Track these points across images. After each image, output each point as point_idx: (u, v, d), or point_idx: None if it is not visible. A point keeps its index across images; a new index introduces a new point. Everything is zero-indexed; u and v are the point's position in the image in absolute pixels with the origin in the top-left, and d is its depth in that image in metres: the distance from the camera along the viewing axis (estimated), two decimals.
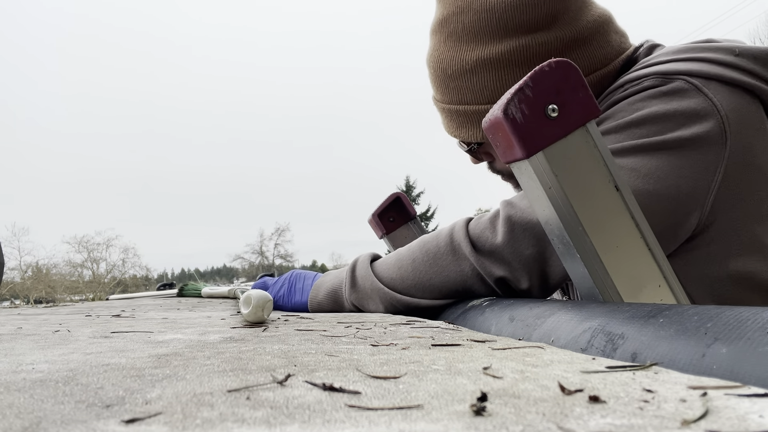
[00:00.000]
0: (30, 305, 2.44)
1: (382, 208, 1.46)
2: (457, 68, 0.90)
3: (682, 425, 0.22)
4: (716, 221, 0.74)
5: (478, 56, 0.88)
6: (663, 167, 0.71)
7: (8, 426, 0.22)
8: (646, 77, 0.78)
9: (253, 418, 0.23)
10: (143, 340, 0.52)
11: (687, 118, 0.72)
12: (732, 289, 0.75)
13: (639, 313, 0.45)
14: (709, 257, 0.75)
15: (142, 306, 1.20)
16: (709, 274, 0.76)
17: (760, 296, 0.76)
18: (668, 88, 0.74)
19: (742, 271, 0.75)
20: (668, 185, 0.71)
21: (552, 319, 0.54)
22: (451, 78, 0.92)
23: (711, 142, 0.72)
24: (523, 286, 0.77)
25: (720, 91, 0.74)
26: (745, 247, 0.75)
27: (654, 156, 0.71)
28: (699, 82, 0.74)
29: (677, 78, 0.75)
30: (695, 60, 0.77)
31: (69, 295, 18.21)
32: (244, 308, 0.68)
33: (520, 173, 0.61)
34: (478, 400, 0.26)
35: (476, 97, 0.90)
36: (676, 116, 0.72)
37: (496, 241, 0.77)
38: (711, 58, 0.76)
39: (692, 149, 0.71)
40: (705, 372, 0.33)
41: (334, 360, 0.39)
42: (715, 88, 0.74)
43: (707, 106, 0.72)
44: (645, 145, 0.72)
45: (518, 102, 0.56)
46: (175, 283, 2.28)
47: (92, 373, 0.34)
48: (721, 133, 0.72)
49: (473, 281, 0.81)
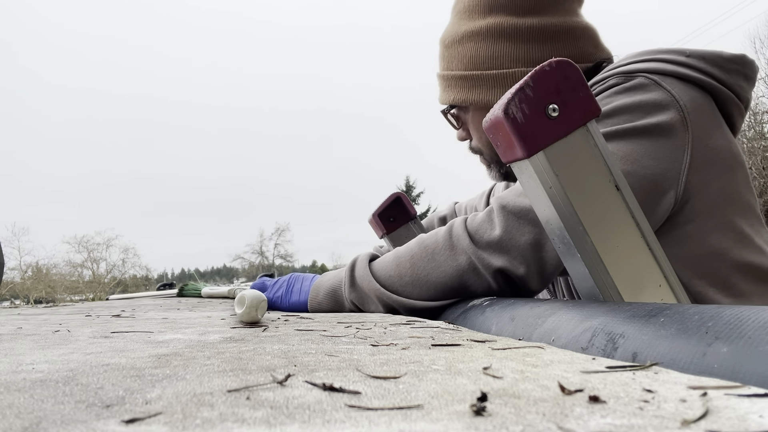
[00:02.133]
0: (30, 305, 2.44)
1: (383, 208, 1.46)
2: (451, 40, 1.05)
3: (682, 425, 0.22)
4: (690, 201, 0.80)
5: (467, 29, 1.02)
6: (638, 150, 0.78)
7: (8, 426, 0.22)
8: (609, 77, 0.86)
9: (253, 418, 0.23)
10: (143, 340, 0.52)
11: (651, 107, 0.80)
12: (712, 267, 0.81)
13: (640, 312, 0.45)
14: (687, 236, 0.81)
15: (142, 306, 1.20)
16: (690, 253, 0.81)
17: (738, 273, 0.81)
18: (631, 84, 0.82)
19: (717, 249, 0.81)
20: (644, 165, 0.77)
21: (552, 319, 0.54)
22: (446, 48, 1.06)
23: (675, 128, 0.79)
24: (521, 272, 0.79)
25: (676, 85, 0.81)
26: (718, 225, 0.81)
27: (628, 141, 0.78)
28: (657, 78, 0.82)
29: (638, 75, 0.83)
30: (652, 60, 0.85)
31: (69, 295, 18.20)
32: (238, 308, 0.68)
33: (520, 173, 0.61)
34: (478, 400, 0.26)
35: (460, 64, 1.03)
36: (641, 107, 0.80)
37: (494, 233, 0.81)
38: (665, 59, 0.85)
39: (660, 134, 0.78)
40: (706, 371, 0.33)
41: (334, 360, 0.39)
42: (672, 82, 0.82)
43: (667, 97, 0.80)
44: (619, 131, 0.79)
45: (519, 102, 0.56)
46: (175, 283, 2.27)
47: (92, 373, 0.34)
48: (682, 120, 0.79)
49: (469, 275, 0.82)
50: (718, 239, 0.81)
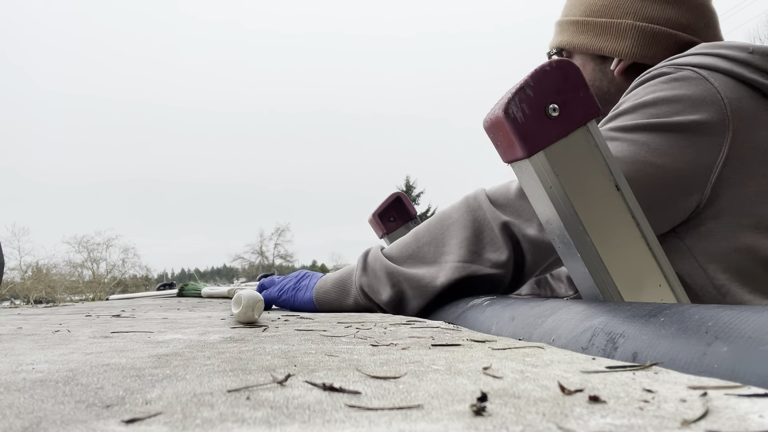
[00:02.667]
0: (30, 305, 2.44)
1: (383, 208, 1.46)
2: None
3: (682, 425, 0.22)
4: (720, 199, 0.80)
5: None
6: (671, 145, 0.79)
7: (8, 426, 0.22)
8: (662, 66, 0.87)
9: (253, 418, 0.23)
10: (143, 340, 0.52)
11: (692, 103, 0.80)
12: (740, 263, 0.82)
13: (640, 312, 0.45)
14: (718, 231, 0.82)
15: (142, 306, 1.20)
16: (720, 247, 0.82)
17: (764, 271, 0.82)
18: (676, 76, 0.83)
19: (748, 246, 0.81)
20: (674, 161, 0.78)
21: (553, 318, 0.54)
22: None
23: (713, 126, 0.79)
24: (529, 232, 0.82)
25: (724, 82, 0.81)
26: (749, 224, 0.81)
27: (662, 134, 0.79)
28: (706, 73, 0.82)
29: (686, 68, 0.83)
30: (709, 54, 0.85)
31: (69, 295, 18.19)
32: (235, 308, 0.68)
33: (520, 173, 0.61)
34: (478, 400, 0.26)
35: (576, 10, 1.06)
36: (682, 100, 0.80)
37: (510, 194, 0.86)
38: (723, 54, 0.84)
39: (695, 132, 0.79)
40: (706, 370, 0.33)
41: (334, 360, 0.39)
42: (720, 78, 0.81)
43: (711, 94, 0.80)
44: (654, 124, 0.80)
45: (519, 101, 0.56)
46: (175, 283, 2.28)
47: (92, 373, 0.34)
48: (723, 119, 0.79)
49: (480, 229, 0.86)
50: (751, 237, 0.81)
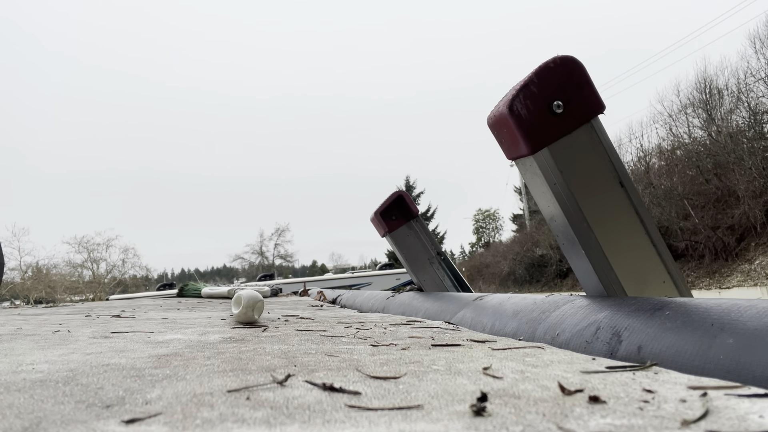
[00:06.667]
0: (30, 305, 2.43)
1: (385, 207, 1.46)
2: None
3: (682, 425, 0.22)
4: None
5: None
6: None
7: (8, 426, 0.22)
8: None
9: (253, 418, 0.23)
10: (143, 341, 0.52)
11: None
12: None
13: (644, 306, 0.45)
14: None
15: (142, 306, 1.20)
16: None
17: None
18: None
19: None
20: None
21: (557, 313, 0.54)
22: None
23: None
24: None
25: None
26: None
27: None
28: None
29: None
30: None
31: (69, 296, 18.16)
32: (234, 308, 0.68)
33: (524, 169, 0.61)
34: (478, 400, 0.26)
35: None
36: None
37: None
38: None
39: None
40: (712, 362, 0.33)
41: (334, 360, 0.39)
42: None
43: None
44: None
45: (523, 98, 0.56)
46: (175, 284, 2.27)
47: (92, 373, 0.34)
48: None
49: None
50: None
